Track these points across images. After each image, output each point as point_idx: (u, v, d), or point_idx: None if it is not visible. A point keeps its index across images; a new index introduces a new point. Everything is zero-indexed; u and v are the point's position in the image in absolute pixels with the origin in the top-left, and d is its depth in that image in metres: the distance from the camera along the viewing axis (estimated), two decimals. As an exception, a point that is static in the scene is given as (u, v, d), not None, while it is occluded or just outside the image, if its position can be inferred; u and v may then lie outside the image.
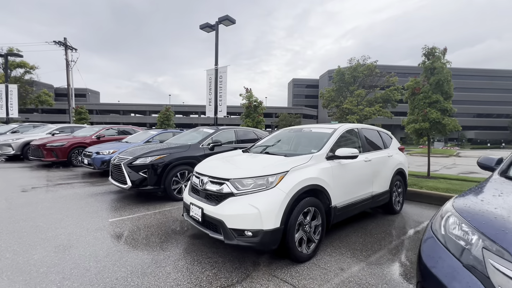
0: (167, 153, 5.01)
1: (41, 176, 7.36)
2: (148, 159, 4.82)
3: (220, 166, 3.17)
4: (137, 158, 4.85)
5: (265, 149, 3.87)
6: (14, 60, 32.33)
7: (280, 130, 4.56)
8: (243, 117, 13.21)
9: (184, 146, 5.37)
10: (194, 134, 6.46)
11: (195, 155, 5.36)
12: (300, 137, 4.12)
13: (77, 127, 12.52)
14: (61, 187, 6.09)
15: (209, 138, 5.86)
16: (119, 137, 10.72)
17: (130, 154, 5.08)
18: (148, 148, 5.31)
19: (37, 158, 9.00)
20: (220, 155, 3.88)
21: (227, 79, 12.20)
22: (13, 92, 18.18)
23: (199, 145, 5.61)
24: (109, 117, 56.05)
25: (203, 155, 5.51)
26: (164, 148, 5.21)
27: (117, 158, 5.13)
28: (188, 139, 6.16)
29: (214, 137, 5.96)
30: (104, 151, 7.48)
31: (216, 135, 6.04)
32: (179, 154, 5.14)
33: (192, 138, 6.16)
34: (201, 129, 6.46)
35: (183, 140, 6.27)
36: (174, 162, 5.00)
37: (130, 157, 4.91)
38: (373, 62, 40.81)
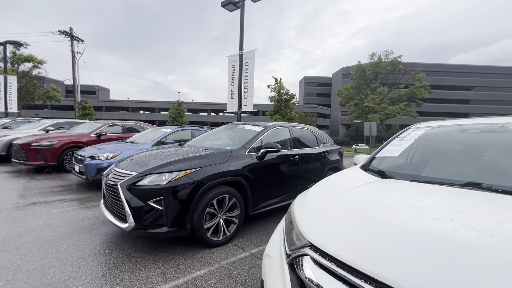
0: (197, 166, 2.89)
1: (16, 188, 5.40)
2: (165, 177, 2.72)
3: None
4: (145, 174, 2.74)
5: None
6: (22, 53, 31.21)
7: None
8: (271, 113, 11.13)
9: (221, 154, 3.24)
10: (230, 134, 4.33)
11: (239, 168, 3.23)
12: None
13: (76, 123, 10.62)
14: (32, 210, 4.07)
15: (257, 139, 3.71)
16: (124, 136, 8.73)
17: (134, 165, 2.99)
18: (164, 155, 3.21)
19: (20, 161, 7.08)
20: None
21: (255, 66, 10.05)
22: (12, 84, 16.56)
23: (245, 151, 3.48)
24: (118, 114, 54.90)
25: (253, 168, 3.38)
26: (191, 156, 3.08)
27: (113, 173, 3.03)
28: (224, 142, 4.04)
29: (264, 138, 3.82)
30: (101, 154, 5.46)
31: (267, 135, 3.89)
32: (218, 168, 3.02)
33: (230, 140, 4.03)
34: (239, 126, 4.32)
35: (215, 142, 4.16)
36: (210, 182, 2.89)
37: (133, 173, 2.82)
38: (396, 58, 37.96)
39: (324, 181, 1.93)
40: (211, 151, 3.30)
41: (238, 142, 3.79)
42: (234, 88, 10.66)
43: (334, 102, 72.90)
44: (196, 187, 2.77)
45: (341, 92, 41.59)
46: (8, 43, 16.32)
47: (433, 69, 59.20)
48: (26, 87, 32.39)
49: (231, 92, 10.73)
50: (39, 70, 33.14)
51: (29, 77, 32.63)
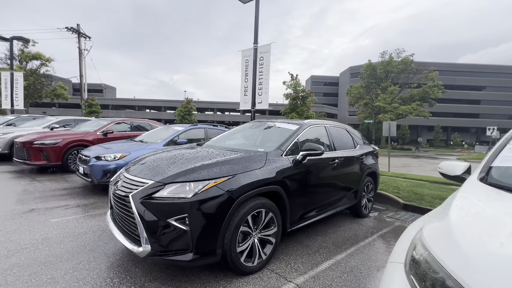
0: (229, 173, 2.27)
1: (15, 191, 4.88)
2: (190, 187, 2.11)
3: None
4: (164, 183, 2.14)
5: None
6: (30, 51, 31.19)
7: None
8: (287, 111, 10.50)
9: (255, 158, 2.62)
10: (256, 133, 3.70)
11: (277, 175, 2.61)
12: None
13: (82, 120, 10.15)
14: (29, 219, 3.51)
15: (293, 140, 3.08)
16: (132, 134, 8.20)
17: (149, 171, 2.39)
18: (184, 158, 2.61)
19: (22, 160, 6.58)
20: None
21: (270, 61, 9.41)
22: (18, 81, 16.24)
23: (281, 153, 2.85)
24: (124, 113, 54.89)
25: (291, 175, 2.76)
26: (220, 161, 2.47)
27: (123, 181, 2.44)
28: (251, 142, 3.42)
29: (300, 138, 3.19)
30: (108, 154, 4.90)
31: (303, 134, 3.26)
32: (254, 175, 2.40)
33: (257, 140, 3.41)
34: (269, 123, 3.69)
35: (238, 142, 3.54)
36: (245, 193, 2.28)
37: (148, 181, 2.22)
38: (408, 56, 36.84)
39: (461, 211, 1.25)
40: (241, 154, 2.68)
41: (269, 143, 3.17)
42: (247, 84, 10.04)
43: (341, 102, 71.77)
44: (229, 201, 2.16)
45: (351, 91, 40.65)
46: (14, 39, 16.01)
47: (444, 69, 57.63)
48: (34, 85, 32.40)
49: (244, 89, 10.12)
50: (46, 68, 33.15)
51: (37, 75, 32.64)
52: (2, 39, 16.23)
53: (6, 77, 16.29)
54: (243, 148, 3.03)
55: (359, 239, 3.45)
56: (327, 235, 3.50)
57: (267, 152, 2.73)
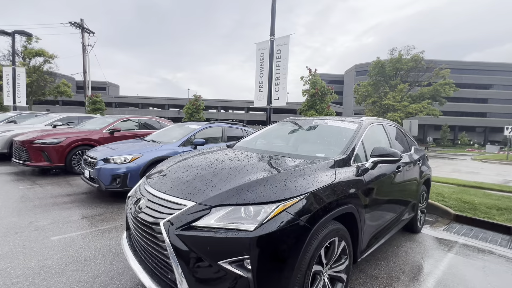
0: (299, 191, 1.60)
1: (12, 198, 4.26)
2: (250, 212, 1.45)
3: None
4: (210, 206, 1.48)
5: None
6: (33, 48, 30.74)
7: None
8: (304, 108, 9.79)
9: (321, 168, 1.96)
10: (299, 132, 3.01)
11: (351, 190, 1.95)
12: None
13: (86, 117, 9.54)
14: (25, 236, 2.87)
15: (357, 142, 2.40)
16: (141, 133, 7.58)
17: (184, 186, 1.73)
18: (227, 166, 1.95)
19: (22, 161, 5.98)
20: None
21: (289, 54, 8.71)
22: (21, 77, 15.70)
23: (348, 160, 2.19)
24: (128, 111, 54.41)
25: (364, 188, 2.11)
26: (279, 172, 1.80)
27: (147, 200, 1.77)
28: (299, 145, 2.74)
29: (364, 139, 2.51)
30: (117, 156, 4.26)
31: (366, 134, 2.58)
32: (328, 192, 1.74)
33: (309, 142, 2.74)
34: (316, 121, 2.99)
35: (282, 145, 2.87)
36: (321, 219, 1.61)
37: (186, 202, 1.56)
38: (419, 53, 35.80)
39: None
40: (301, 162, 2.01)
41: (326, 146, 2.50)
42: (262, 80, 9.35)
43: (346, 100, 70.81)
44: (304, 231, 1.50)
45: (358, 89, 39.72)
46: (16, 33, 15.44)
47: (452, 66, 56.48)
48: (37, 82, 31.98)
49: (259, 84, 9.44)
50: (50, 65, 32.71)
51: (40, 72, 32.21)
52: (4, 33, 15.70)
53: (8, 73, 15.76)
54: (294, 153, 2.36)
55: (430, 265, 2.78)
56: (389, 260, 2.83)
57: (334, 159, 2.06)
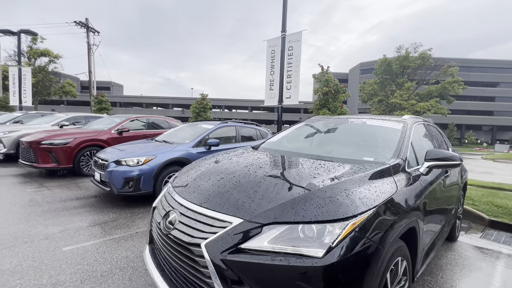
0: (366, 205, 1.33)
1: (20, 202, 4.04)
2: (312, 233, 1.18)
3: None
4: (261, 224, 1.21)
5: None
6: (38, 48, 30.81)
7: None
8: (316, 107, 9.47)
9: (380, 174, 1.68)
10: (333, 132, 2.73)
11: (414, 200, 1.67)
12: None
13: (93, 117, 9.36)
14: (35, 247, 2.64)
15: (407, 143, 2.12)
16: (150, 133, 7.36)
17: (219, 197, 1.47)
18: (267, 172, 1.67)
19: (29, 162, 5.78)
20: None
21: (301, 51, 8.41)
22: (26, 77, 15.61)
23: (403, 164, 1.90)
24: (132, 110, 54.50)
25: (423, 197, 1.82)
26: (338, 181, 1.52)
27: (179, 212, 1.51)
28: (335, 146, 2.46)
29: (413, 141, 2.22)
30: (129, 158, 4.02)
31: (413, 136, 2.29)
32: (394, 206, 1.47)
33: (347, 143, 2.45)
34: (352, 120, 2.71)
35: (314, 147, 2.59)
36: (392, 238, 1.34)
37: (231, 219, 1.29)
38: (426, 51, 35.18)
39: None
40: (353, 168, 1.74)
41: (371, 149, 2.22)
42: (273, 77, 9.07)
43: (350, 99, 70.04)
44: (376, 254, 1.23)
45: (364, 88, 39.21)
46: (22, 32, 15.34)
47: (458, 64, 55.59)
48: (43, 82, 32.07)
49: (270, 82, 9.15)
50: (55, 65, 32.79)
51: (46, 72, 32.28)
52: (10, 32, 15.62)
53: (14, 73, 15.68)
54: (337, 156, 2.08)
55: (482, 281, 2.49)
56: (435, 274, 2.55)
57: (390, 164, 1.78)
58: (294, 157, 2.08)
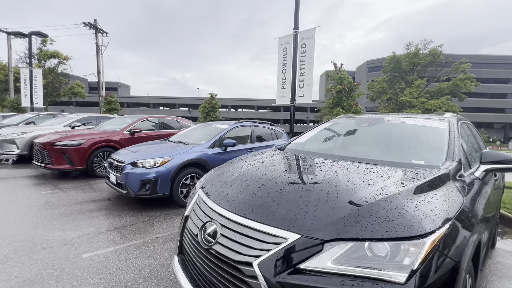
0: (440, 218, 1.14)
1: (36, 205, 3.98)
2: (385, 252, 1.02)
3: None
4: (321, 242, 1.06)
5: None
6: (48, 50, 31.26)
7: None
8: (329, 105, 9.24)
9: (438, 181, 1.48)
10: (366, 132, 2.53)
11: (477, 210, 1.47)
12: None
13: (104, 117, 9.33)
14: (54, 254, 2.54)
15: (457, 144, 1.92)
16: (162, 133, 7.27)
17: (264, 207, 1.31)
18: (313, 177, 1.52)
19: (43, 164, 5.74)
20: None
21: (315, 48, 8.19)
22: (37, 78, 15.78)
23: (459, 169, 1.70)
24: (139, 111, 54.96)
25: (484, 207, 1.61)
26: (401, 189, 1.34)
27: (219, 223, 1.35)
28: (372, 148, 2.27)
29: (461, 140, 2.02)
30: (146, 160, 3.91)
31: (460, 135, 2.09)
32: (465, 217, 1.29)
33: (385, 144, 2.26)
34: (386, 118, 2.51)
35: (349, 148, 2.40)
36: (468, 255, 1.15)
37: (285, 234, 1.13)
38: (437, 47, 34.35)
39: None
40: (410, 172, 1.56)
41: (414, 149, 2.03)
42: (285, 76, 8.88)
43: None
44: (457, 275, 1.06)
45: (372, 85, 38.57)
46: (33, 34, 15.50)
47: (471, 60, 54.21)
48: (52, 83, 32.58)
49: (282, 81, 8.97)
50: (64, 66, 33.26)
51: (55, 73, 32.77)
52: (21, 34, 15.81)
53: (25, 75, 15.87)
54: (381, 159, 1.90)
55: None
56: (490, 282, 2.34)
57: (449, 168, 1.59)
58: (332, 160, 1.90)
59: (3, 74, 29.67)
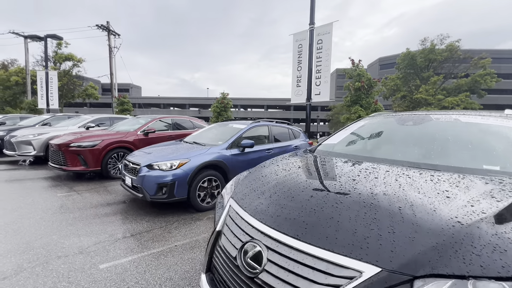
0: None
1: (51, 208, 3.88)
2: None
3: None
4: (411, 278, 0.79)
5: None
6: (63, 52, 32.08)
7: None
8: (346, 103, 8.87)
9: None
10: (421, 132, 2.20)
11: None
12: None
13: (117, 118, 9.31)
14: (69, 264, 2.38)
15: None
16: (176, 133, 7.14)
17: (321, 228, 1.06)
18: (383, 188, 1.24)
19: (58, 165, 5.70)
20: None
21: (332, 43, 7.86)
22: (53, 80, 16.09)
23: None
24: (150, 111, 55.74)
25: None
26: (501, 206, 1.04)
27: (264, 245, 1.11)
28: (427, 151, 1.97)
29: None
30: (162, 162, 3.72)
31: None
32: None
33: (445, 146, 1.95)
34: (447, 116, 2.19)
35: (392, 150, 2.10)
36: None
37: (360, 266, 0.88)
38: (454, 42, 33.00)
39: None
40: (488, 180, 1.27)
41: (480, 152, 1.72)
42: (301, 73, 8.59)
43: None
44: None
45: (386, 83, 37.51)
46: (48, 37, 15.82)
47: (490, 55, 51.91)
48: (67, 85, 33.42)
49: (297, 78, 8.67)
50: (78, 68, 34.09)
51: (70, 76, 33.62)
52: (38, 38, 16.16)
53: (41, 77, 16.21)
54: (441, 164, 1.60)
55: None
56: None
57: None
58: (382, 164, 1.63)
59: (21, 77, 30.65)
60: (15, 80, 31.17)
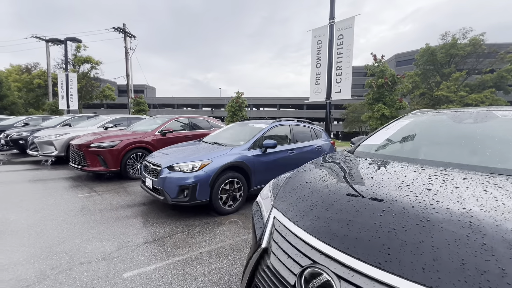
0: None
1: (72, 210, 3.83)
2: None
3: None
4: None
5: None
6: (81, 55, 33.16)
7: None
8: (368, 101, 8.47)
9: None
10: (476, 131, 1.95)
11: None
12: None
13: (134, 118, 9.36)
14: (92, 272, 2.26)
15: None
16: (191, 134, 7.04)
17: (404, 255, 0.83)
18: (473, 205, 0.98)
19: (79, 166, 5.72)
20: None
21: (354, 38, 7.50)
22: (73, 82, 16.55)
23: None
24: (164, 111, 56.70)
25: None
26: None
27: (342, 280, 0.90)
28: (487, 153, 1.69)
29: None
30: (183, 163, 3.58)
31: None
32: None
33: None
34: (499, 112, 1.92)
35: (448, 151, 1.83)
36: None
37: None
38: (478, 35, 31.28)
39: None
40: None
41: None
42: (320, 70, 8.27)
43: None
44: None
45: (403, 81, 36.18)
46: (68, 40, 16.29)
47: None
48: (86, 87, 34.53)
49: (316, 76, 8.36)
50: (96, 71, 35.16)
51: (88, 78, 34.73)
52: (58, 41, 16.68)
53: (62, 79, 16.72)
54: (504, 167, 1.33)
55: None
56: None
57: None
58: (452, 170, 1.37)
59: (43, 80, 31.93)
60: (38, 82, 32.53)
